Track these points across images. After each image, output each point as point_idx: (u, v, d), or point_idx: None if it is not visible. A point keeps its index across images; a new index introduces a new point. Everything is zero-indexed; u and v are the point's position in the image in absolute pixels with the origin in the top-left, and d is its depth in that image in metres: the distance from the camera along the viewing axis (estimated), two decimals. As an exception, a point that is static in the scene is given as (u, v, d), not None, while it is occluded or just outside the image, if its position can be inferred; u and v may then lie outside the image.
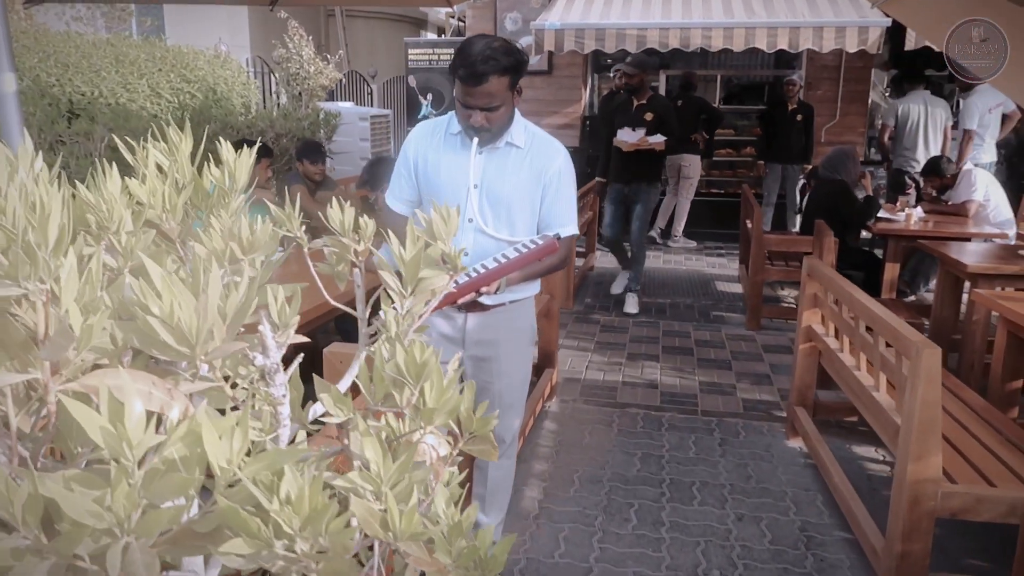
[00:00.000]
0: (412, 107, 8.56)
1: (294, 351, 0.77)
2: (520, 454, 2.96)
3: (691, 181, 7.45)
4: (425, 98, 8.29)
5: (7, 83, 3.39)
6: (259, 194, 3.85)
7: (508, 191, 2.08)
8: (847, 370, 2.76)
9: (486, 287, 1.96)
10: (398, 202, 2.21)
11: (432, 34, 17.94)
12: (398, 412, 0.74)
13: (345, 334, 3.40)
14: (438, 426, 0.74)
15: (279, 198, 4.17)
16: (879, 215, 5.07)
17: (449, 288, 1.94)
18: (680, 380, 4.12)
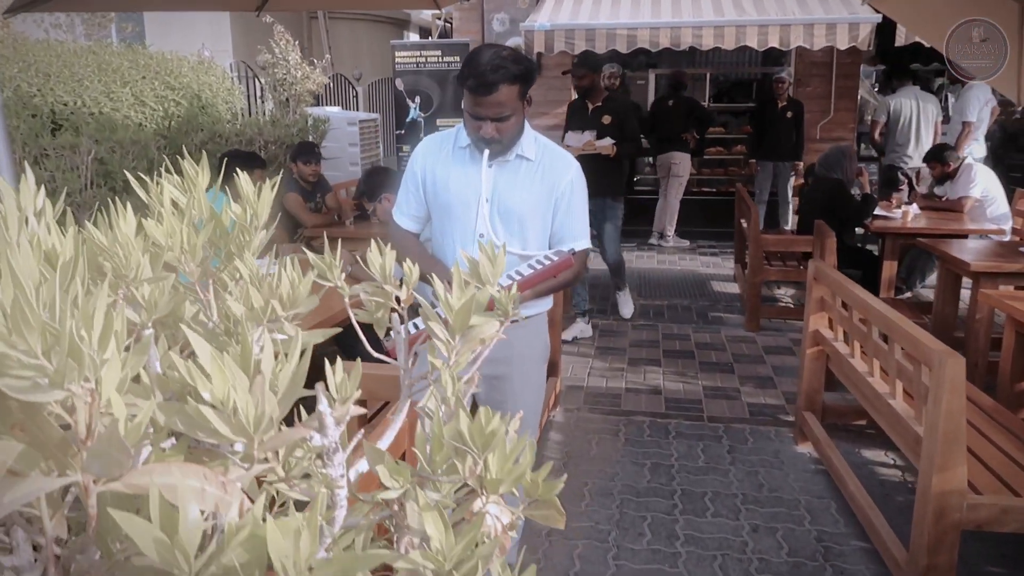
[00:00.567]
0: (400, 110, 8.47)
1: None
2: (529, 468, 2.90)
3: (681, 180, 7.42)
4: (413, 101, 8.20)
5: (-10, 97, 3.29)
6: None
7: (520, 205, 2.03)
8: (859, 376, 2.73)
9: None
10: (406, 218, 2.14)
11: (415, 34, 17.83)
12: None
13: (345, 348, 3.32)
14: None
15: (273, 208, 4.08)
16: (875, 212, 5.05)
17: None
18: (684, 385, 4.08)
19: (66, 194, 3.89)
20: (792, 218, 7.52)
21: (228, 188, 3.17)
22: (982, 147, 6.64)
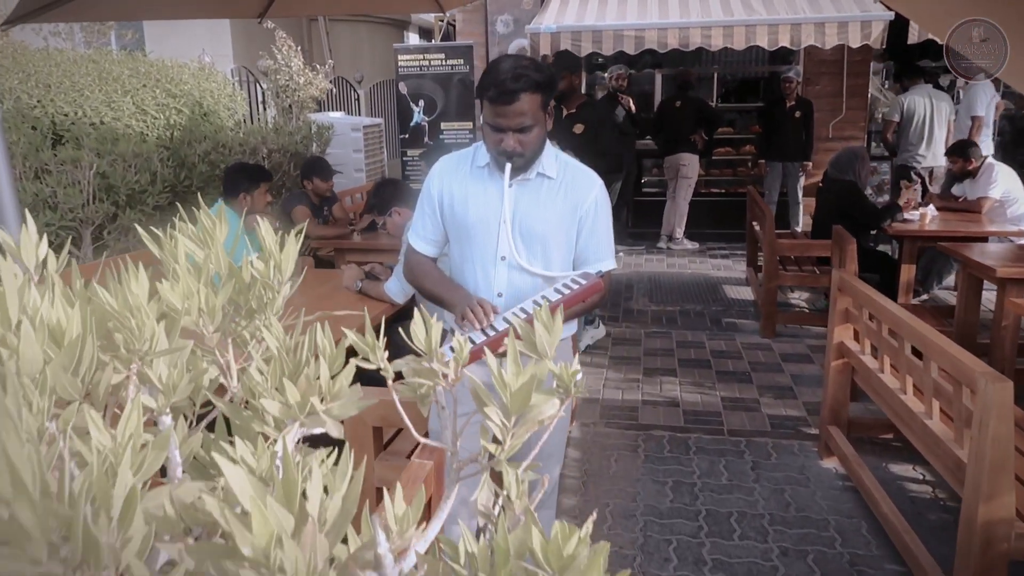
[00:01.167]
0: (403, 114, 8.38)
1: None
2: (549, 490, 2.81)
3: (689, 181, 7.32)
4: (417, 105, 8.11)
5: (-12, 113, 3.21)
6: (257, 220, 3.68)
7: (542, 225, 1.94)
8: (890, 392, 2.63)
9: None
10: (423, 242, 2.05)
11: (414, 35, 17.74)
12: None
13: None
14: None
15: (280, 222, 4.00)
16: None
17: (488, 335, 1.78)
18: (701, 396, 3.99)
19: (68, 210, 3.81)
20: (803, 219, 7.43)
21: (232, 203, 3.08)
22: (989, 144, 6.55)
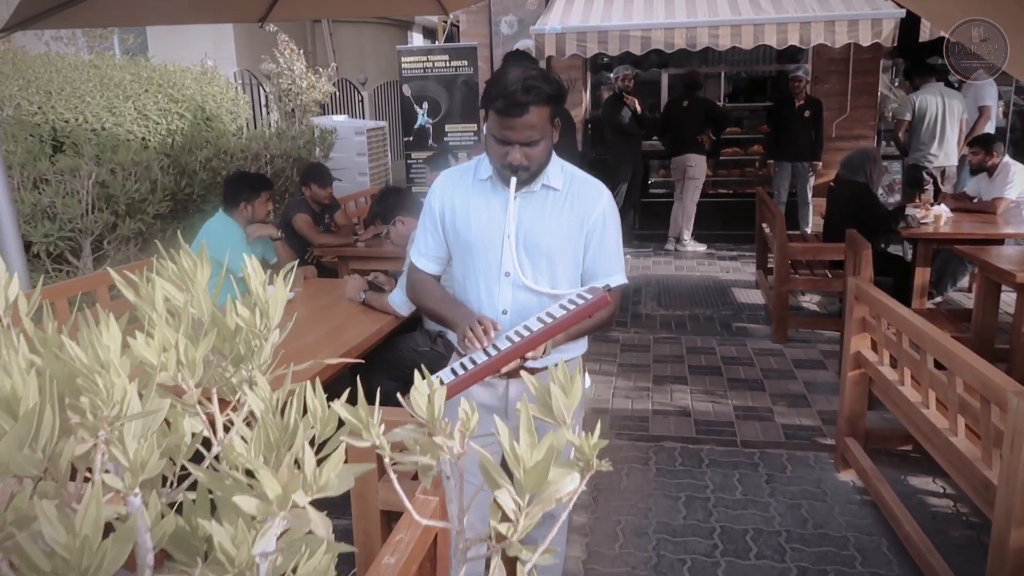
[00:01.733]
0: (407, 117, 8.31)
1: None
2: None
3: (696, 182, 7.23)
4: (421, 107, 8.03)
5: (-16, 124, 3.14)
6: (261, 230, 3.61)
7: (548, 239, 1.86)
8: (911, 406, 2.55)
9: (532, 351, 1.74)
10: (424, 259, 1.98)
11: (418, 34, 17.67)
12: None
13: (364, 379, 3.17)
14: None
15: (282, 231, 3.93)
16: (907, 213, 4.84)
17: (490, 354, 1.70)
18: (713, 405, 3.91)
19: (67, 221, 3.75)
20: (812, 219, 7.33)
21: (233, 212, 2.99)
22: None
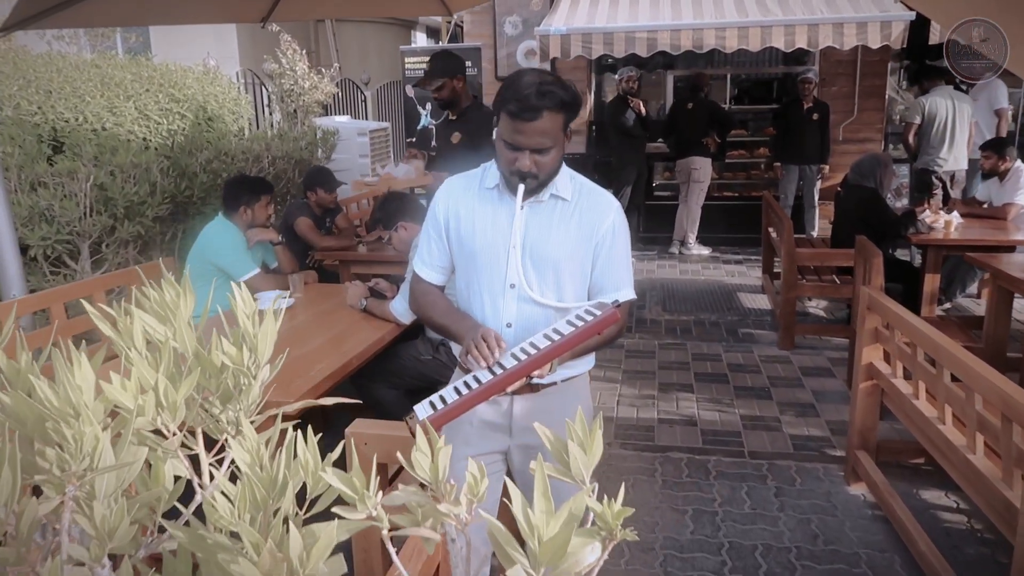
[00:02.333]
0: (410, 117, 8.25)
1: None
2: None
3: (701, 185, 7.16)
4: (424, 108, 7.98)
5: (-20, 126, 3.08)
6: (262, 234, 3.55)
7: (555, 251, 1.79)
8: (926, 421, 2.48)
9: (539, 369, 1.67)
10: (428, 269, 1.91)
11: (422, 34, 17.62)
12: None
13: (361, 388, 3.11)
14: None
15: (282, 233, 3.86)
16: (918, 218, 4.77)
17: (496, 373, 1.63)
18: (720, 415, 3.84)
19: (65, 224, 3.70)
20: (818, 223, 7.26)
21: (233, 216, 2.91)
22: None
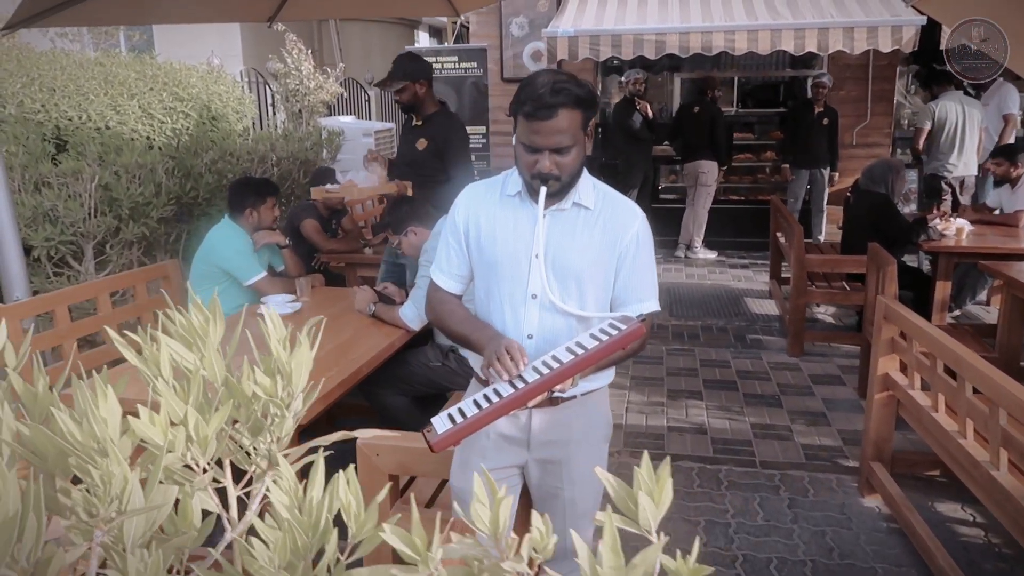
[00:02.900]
0: (415, 118, 8.20)
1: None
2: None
3: (709, 189, 7.12)
4: (429, 109, 7.92)
5: (-16, 125, 3.04)
6: (268, 237, 3.51)
7: (577, 260, 1.75)
8: (946, 435, 2.44)
9: (561, 384, 1.63)
10: (447, 277, 1.87)
11: (425, 33, 17.59)
12: None
13: (370, 395, 3.07)
14: None
15: (289, 235, 3.82)
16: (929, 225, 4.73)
17: (517, 387, 1.59)
18: (730, 423, 3.80)
19: (69, 224, 3.65)
20: (825, 228, 7.22)
21: (239, 218, 2.86)
22: None
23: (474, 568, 0.50)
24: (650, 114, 6.97)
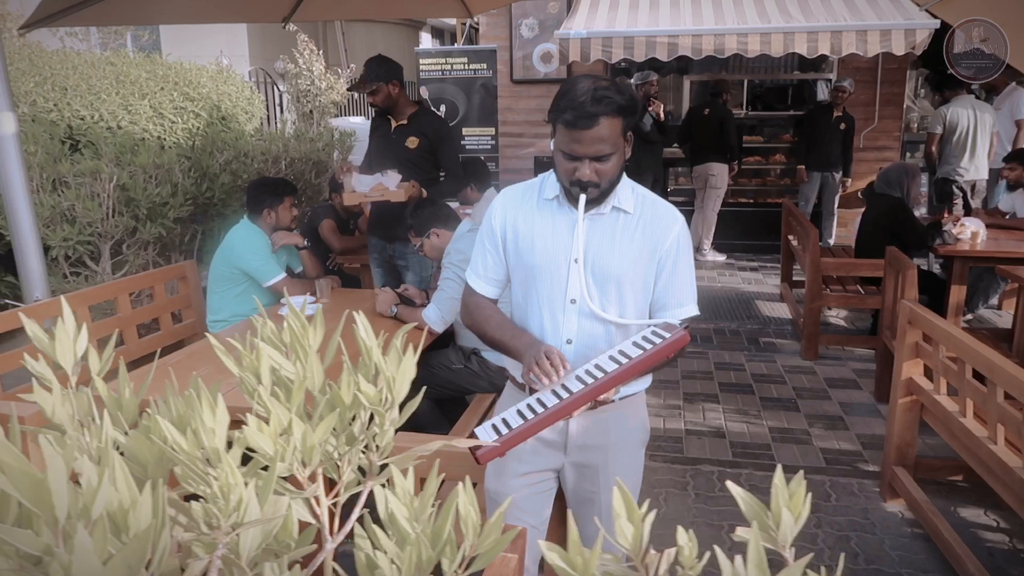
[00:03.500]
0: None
1: None
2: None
3: (718, 192, 7.11)
4: (438, 110, 7.93)
5: (6, 124, 3.04)
6: (287, 239, 3.50)
7: (617, 265, 1.74)
8: (975, 440, 2.43)
9: (605, 393, 1.62)
10: (483, 282, 1.86)
11: (427, 34, 17.58)
12: None
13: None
14: None
15: (308, 237, 3.81)
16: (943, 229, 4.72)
17: (560, 396, 1.57)
18: (748, 426, 3.79)
19: (87, 224, 3.65)
20: (835, 231, 7.22)
21: (257, 219, 2.85)
22: None
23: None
24: (662, 116, 6.96)
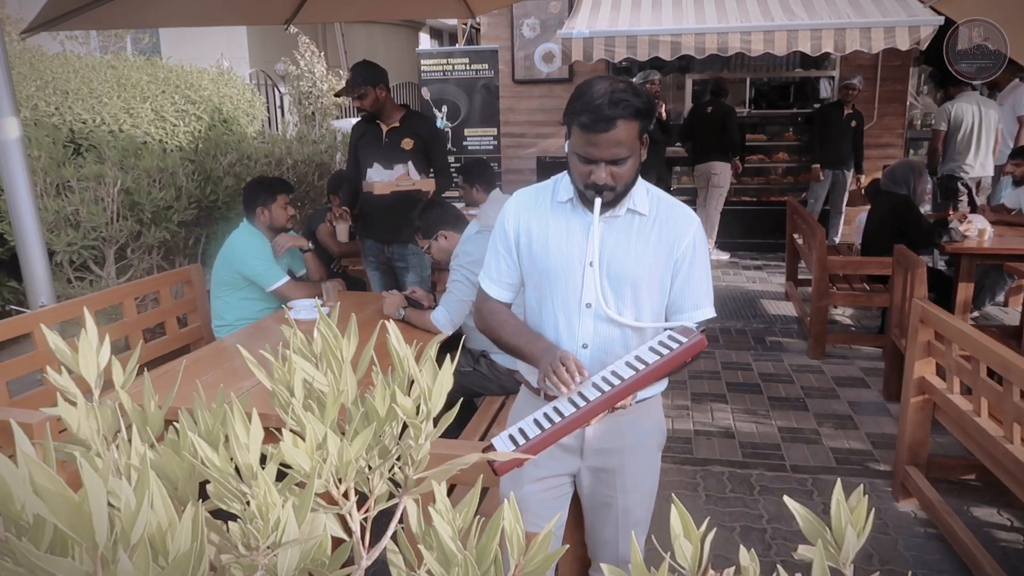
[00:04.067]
0: (425, 119, 8.17)
1: None
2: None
3: (721, 190, 7.09)
4: (440, 111, 7.91)
5: (10, 128, 3.02)
6: (292, 241, 3.48)
7: (634, 268, 1.72)
8: (991, 440, 2.41)
9: (623, 400, 1.60)
10: (496, 286, 1.84)
11: (426, 35, 17.57)
12: None
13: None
14: None
15: (310, 241, 3.79)
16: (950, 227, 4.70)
17: (578, 405, 1.55)
18: (757, 426, 3.77)
19: (91, 229, 3.63)
20: (842, 229, 7.19)
21: (253, 219, 2.82)
22: None
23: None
24: (664, 115, 6.94)
